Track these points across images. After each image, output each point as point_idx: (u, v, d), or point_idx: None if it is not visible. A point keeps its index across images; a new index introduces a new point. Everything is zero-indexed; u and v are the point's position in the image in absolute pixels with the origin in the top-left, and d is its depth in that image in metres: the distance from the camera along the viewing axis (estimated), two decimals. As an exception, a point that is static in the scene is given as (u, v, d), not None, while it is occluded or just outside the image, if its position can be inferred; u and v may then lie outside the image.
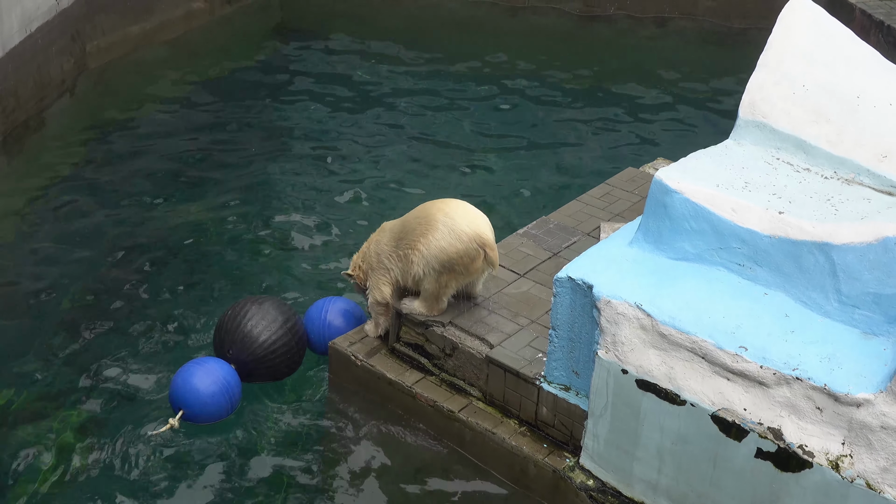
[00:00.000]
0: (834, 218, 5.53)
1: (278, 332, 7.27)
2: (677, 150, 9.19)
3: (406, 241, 6.79)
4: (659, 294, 5.64)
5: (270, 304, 7.41)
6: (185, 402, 6.95)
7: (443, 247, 6.62)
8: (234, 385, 7.10)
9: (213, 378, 6.98)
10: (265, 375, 7.37)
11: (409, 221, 6.90)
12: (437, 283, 6.74)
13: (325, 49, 14.72)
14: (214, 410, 7.01)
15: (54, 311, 8.51)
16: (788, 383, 5.17)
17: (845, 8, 13.70)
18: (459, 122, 12.47)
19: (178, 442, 7.01)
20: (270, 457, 6.95)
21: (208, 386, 6.94)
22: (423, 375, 7.01)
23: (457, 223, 6.65)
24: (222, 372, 7.06)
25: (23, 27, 11.55)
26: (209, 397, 6.95)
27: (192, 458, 6.93)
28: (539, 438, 6.48)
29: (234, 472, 6.83)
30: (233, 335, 7.25)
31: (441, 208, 6.76)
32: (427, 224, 6.69)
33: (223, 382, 7.01)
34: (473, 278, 6.86)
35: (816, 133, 6.15)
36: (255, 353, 7.22)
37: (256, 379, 7.36)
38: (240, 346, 7.21)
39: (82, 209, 10.16)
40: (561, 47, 15.08)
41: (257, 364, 7.26)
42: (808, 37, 6.48)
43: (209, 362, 7.13)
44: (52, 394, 7.52)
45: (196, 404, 6.95)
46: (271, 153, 11.58)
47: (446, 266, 6.66)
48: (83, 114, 12.40)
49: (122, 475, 6.79)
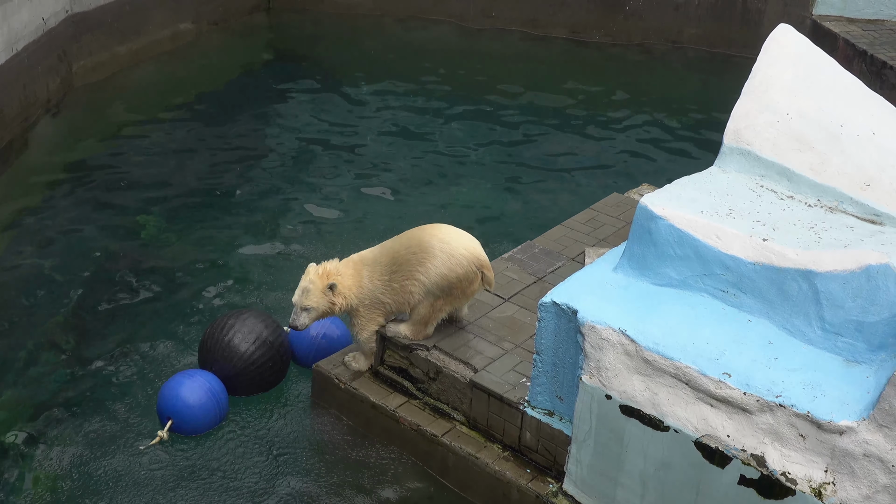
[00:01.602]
0: (817, 245, 5.56)
1: (259, 344, 7.34)
2: (662, 176, 9.25)
3: (401, 272, 6.73)
4: (643, 320, 5.65)
5: (251, 317, 7.49)
6: (174, 412, 7.02)
7: (443, 273, 6.62)
8: (221, 394, 7.18)
9: (201, 388, 7.06)
10: (247, 388, 7.44)
11: (398, 252, 6.79)
12: (432, 308, 6.74)
13: (312, 71, 14.74)
14: (203, 419, 7.08)
15: (37, 329, 8.47)
16: (772, 410, 5.17)
17: (829, 37, 13.83)
18: (444, 146, 12.49)
19: (163, 458, 7.01)
20: (251, 480, 6.91)
21: (196, 395, 7.02)
22: (406, 399, 6.99)
23: (454, 248, 6.65)
24: (209, 382, 7.14)
25: (9, 46, 11.53)
26: (198, 407, 7.02)
27: (175, 479, 6.90)
28: (522, 463, 6.47)
29: (214, 493, 6.78)
30: (215, 348, 7.35)
31: (434, 234, 6.74)
32: (423, 252, 6.67)
33: (210, 392, 7.08)
34: (467, 300, 6.89)
35: (800, 161, 6.18)
36: (237, 365, 7.29)
37: (239, 391, 7.41)
38: (221, 358, 7.30)
39: (67, 228, 10.13)
40: (547, 72, 15.15)
41: (239, 376, 7.33)
42: (792, 66, 6.54)
43: (196, 374, 7.21)
44: (36, 408, 7.51)
45: (185, 413, 7.01)
46: (257, 173, 11.57)
47: (445, 291, 6.67)
48: (69, 133, 12.37)
49: (110, 491, 6.77)
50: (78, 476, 6.91)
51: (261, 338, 7.37)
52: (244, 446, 7.17)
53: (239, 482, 6.89)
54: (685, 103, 14.23)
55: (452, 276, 6.64)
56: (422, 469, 6.83)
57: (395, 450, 6.96)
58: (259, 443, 7.21)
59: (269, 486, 6.87)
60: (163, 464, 6.98)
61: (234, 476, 6.93)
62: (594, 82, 14.83)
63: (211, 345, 7.39)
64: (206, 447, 7.13)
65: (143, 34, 14.52)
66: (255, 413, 7.46)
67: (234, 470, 6.98)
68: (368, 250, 7.01)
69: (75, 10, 13.25)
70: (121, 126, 12.67)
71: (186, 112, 13.22)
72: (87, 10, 13.46)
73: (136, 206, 10.62)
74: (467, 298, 6.87)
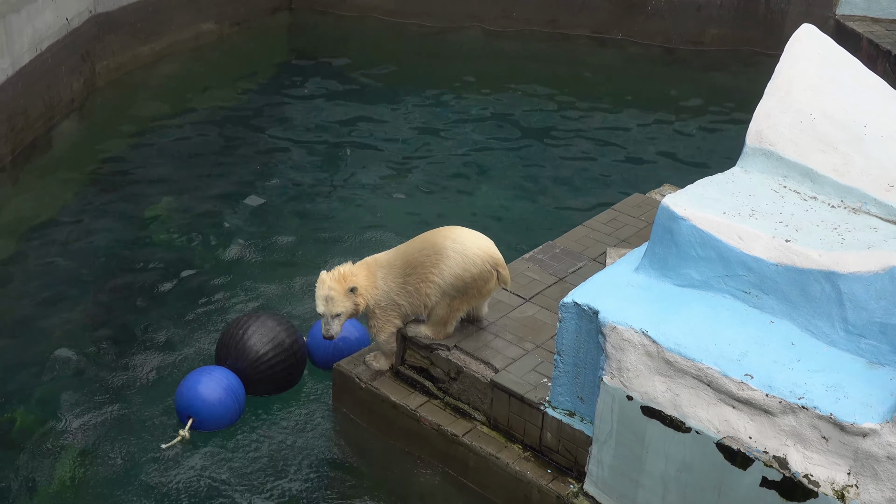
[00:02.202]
0: (840, 247, 5.53)
1: (275, 346, 7.42)
2: (684, 176, 9.20)
3: (416, 275, 6.73)
4: (665, 320, 5.63)
5: (269, 319, 7.58)
6: (195, 410, 7.09)
7: (458, 273, 6.62)
8: (239, 389, 7.26)
9: (219, 384, 7.14)
10: (261, 388, 7.51)
11: (411, 255, 6.78)
12: (449, 308, 6.75)
13: (333, 72, 14.77)
14: (224, 414, 7.15)
15: (59, 328, 8.55)
16: (794, 412, 5.15)
17: (852, 37, 13.76)
18: (464, 147, 12.50)
19: (181, 456, 7.08)
20: (269, 479, 6.95)
21: (215, 391, 7.11)
22: (427, 399, 6.99)
23: (467, 248, 6.66)
24: (227, 378, 7.22)
25: (33, 46, 11.62)
26: (217, 403, 7.10)
27: (194, 477, 6.95)
28: (543, 464, 6.46)
29: (235, 493, 6.81)
30: (231, 349, 7.43)
31: (447, 236, 6.75)
32: (436, 254, 6.67)
33: (228, 388, 7.16)
34: (484, 300, 6.89)
35: (823, 162, 6.15)
36: (251, 365, 7.37)
37: (253, 391, 7.48)
38: (236, 359, 7.38)
39: (89, 228, 10.20)
40: (567, 72, 15.13)
41: (253, 376, 7.40)
42: (815, 66, 6.51)
43: (213, 370, 7.29)
44: (54, 410, 7.57)
45: (205, 410, 7.09)
46: (277, 173, 11.62)
47: (461, 291, 6.68)
48: (92, 133, 12.46)
49: (128, 489, 6.84)
50: (95, 472, 6.99)
51: (277, 339, 7.44)
52: (262, 444, 7.22)
53: (257, 480, 6.93)
54: (707, 104, 14.18)
55: (467, 275, 6.64)
56: (442, 469, 6.83)
57: (415, 450, 6.96)
58: (278, 441, 7.25)
59: (287, 484, 6.91)
60: (180, 461, 7.03)
61: (253, 474, 6.98)
62: (616, 83, 14.80)
63: (228, 343, 7.47)
64: (225, 445, 7.19)
65: (166, 34, 14.60)
66: (274, 410, 7.52)
67: (253, 469, 7.03)
68: (382, 253, 7.00)
69: (98, 11, 13.34)
70: (143, 125, 12.74)
71: (208, 112, 13.28)
72: (111, 11, 13.55)
73: (158, 205, 10.69)
74: (484, 297, 6.87)
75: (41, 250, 9.78)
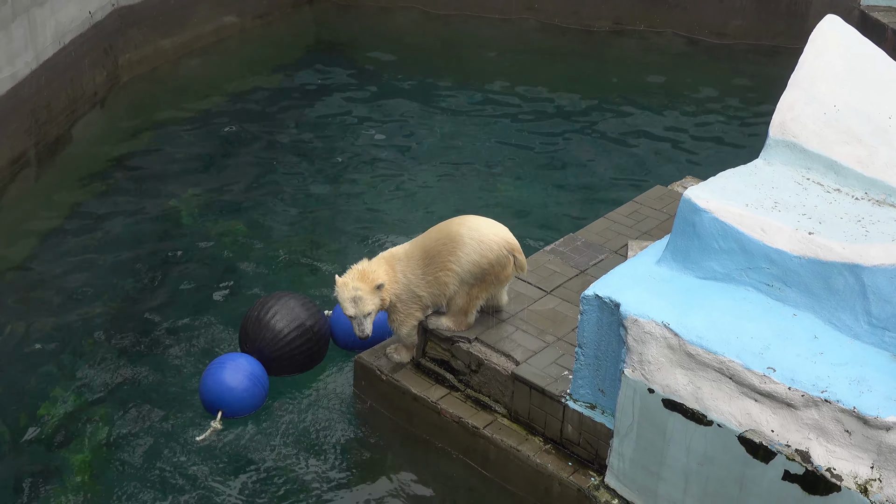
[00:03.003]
0: (864, 239, 5.49)
1: (296, 326, 7.51)
2: (706, 168, 9.16)
3: (434, 265, 6.74)
4: (686, 313, 5.61)
5: (290, 299, 7.67)
6: (223, 402, 7.22)
7: (475, 260, 6.63)
8: (261, 373, 7.38)
9: (243, 372, 7.26)
10: (285, 369, 7.62)
11: (429, 245, 6.79)
12: (468, 297, 6.76)
13: (353, 65, 14.79)
14: (250, 401, 7.29)
15: (83, 320, 8.60)
16: (817, 405, 5.12)
17: (877, 28, 13.63)
18: (485, 140, 12.48)
19: (212, 445, 7.19)
20: (291, 468, 6.99)
21: (241, 381, 7.22)
22: (448, 391, 7.00)
23: (483, 234, 6.67)
24: (248, 364, 7.34)
25: (56, 39, 11.69)
26: (244, 392, 7.23)
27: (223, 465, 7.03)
28: (564, 457, 6.46)
29: (260, 480, 6.86)
30: (252, 330, 7.55)
31: (462, 223, 6.77)
32: (453, 243, 6.68)
33: (251, 373, 7.29)
34: (502, 286, 6.90)
35: (847, 154, 6.11)
36: (273, 345, 7.48)
37: (274, 371, 7.59)
38: (255, 340, 7.50)
39: (111, 221, 10.26)
40: (589, 63, 15.09)
41: (274, 356, 7.52)
42: (839, 57, 6.46)
43: (232, 358, 7.40)
44: (82, 402, 7.64)
45: (233, 401, 7.22)
46: (298, 165, 11.64)
47: (479, 278, 6.69)
48: (115, 125, 12.53)
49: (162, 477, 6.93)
50: (122, 460, 7.06)
51: (297, 319, 7.54)
52: (284, 435, 7.26)
53: (280, 470, 6.97)
54: (730, 95, 14.10)
55: (484, 262, 6.65)
56: (463, 461, 6.84)
57: (435, 442, 6.97)
58: (299, 432, 7.28)
59: (308, 475, 6.94)
60: (210, 448, 7.12)
61: (276, 464, 7.02)
62: (638, 74, 14.74)
63: (249, 324, 7.59)
64: (252, 431, 7.27)
65: (188, 28, 14.67)
66: (298, 393, 7.60)
67: (277, 456, 7.08)
68: (398, 247, 7.02)
69: (121, 4, 13.42)
70: (165, 119, 12.80)
71: (230, 104, 13.33)
72: (133, 4, 13.62)
73: (181, 197, 10.75)
74: (502, 284, 6.88)
75: (63, 243, 9.84)
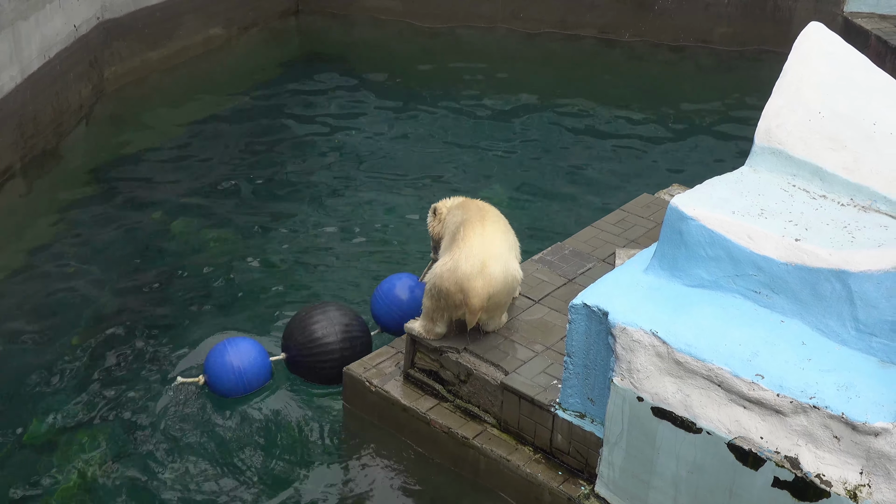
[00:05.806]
0: (851, 245, 5.51)
1: (342, 339, 7.62)
2: (693, 176, 9.18)
3: (457, 232, 6.79)
4: (675, 321, 5.62)
5: (336, 312, 7.75)
6: (210, 370, 7.48)
7: (437, 273, 6.65)
8: (256, 371, 7.52)
9: (241, 358, 7.46)
10: (306, 376, 7.76)
11: (470, 211, 6.96)
12: (429, 299, 6.74)
13: (342, 74, 14.80)
14: (228, 385, 7.46)
15: (72, 333, 8.55)
16: (805, 412, 5.13)
17: (861, 34, 13.71)
18: (473, 148, 12.50)
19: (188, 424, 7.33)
20: (280, 475, 6.97)
21: (230, 363, 7.42)
22: (437, 402, 6.99)
23: (460, 257, 6.59)
24: (250, 354, 7.51)
25: (42, 53, 11.66)
26: (230, 372, 7.42)
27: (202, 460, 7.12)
28: (554, 466, 6.45)
29: (245, 490, 6.83)
30: (293, 329, 7.71)
31: (476, 231, 6.71)
32: (463, 236, 6.70)
33: (246, 364, 7.46)
34: (459, 317, 6.75)
35: (833, 160, 6.13)
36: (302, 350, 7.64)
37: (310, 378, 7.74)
38: (288, 338, 7.71)
39: (103, 231, 10.23)
40: (576, 73, 15.12)
41: (299, 361, 7.68)
42: (823, 63, 6.48)
43: (244, 343, 7.59)
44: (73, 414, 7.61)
45: (216, 376, 7.46)
46: (287, 176, 11.64)
47: (434, 294, 6.67)
48: (102, 138, 12.51)
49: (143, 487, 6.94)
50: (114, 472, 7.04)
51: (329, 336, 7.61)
52: (272, 445, 7.24)
53: (266, 481, 6.94)
54: (715, 102, 14.16)
55: (441, 283, 6.60)
56: (453, 472, 6.82)
57: (425, 452, 6.96)
58: (287, 442, 7.25)
59: (296, 484, 6.90)
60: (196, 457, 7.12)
61: (262, 474, 6.98)
62: (624, 82, 14.79)
63: (296, 329, 7.68)
64: (236, 444, 7.24)
65: (174, 39, 14.66)
66: (286, 409, 7.55)
67: (265, 466, 7.06)
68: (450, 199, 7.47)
69: (106, 17, 13.40)
70: (152, 130, 12.79)
71: (218, 116, 13.32)
72: (118, 17, 13.60)
73: (168, 208, 10.72)
74: (452, 312, 6.69)
75: (52, 255, 9.81)
